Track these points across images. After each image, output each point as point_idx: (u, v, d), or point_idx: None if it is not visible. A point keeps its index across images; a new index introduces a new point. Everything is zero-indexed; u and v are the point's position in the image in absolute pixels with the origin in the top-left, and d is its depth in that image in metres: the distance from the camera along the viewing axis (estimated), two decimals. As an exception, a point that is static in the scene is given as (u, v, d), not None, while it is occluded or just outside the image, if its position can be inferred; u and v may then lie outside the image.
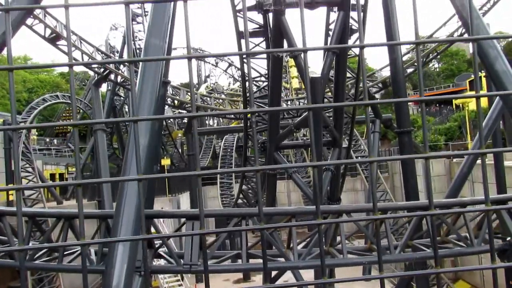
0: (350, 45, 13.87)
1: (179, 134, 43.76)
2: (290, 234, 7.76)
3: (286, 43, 12.46)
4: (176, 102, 27.76)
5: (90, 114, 32.77)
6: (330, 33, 13.27)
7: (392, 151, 37.36)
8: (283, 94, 31.01)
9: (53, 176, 38.01)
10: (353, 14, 12.60)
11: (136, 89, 6.78)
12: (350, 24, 12.63)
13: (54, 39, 19.27)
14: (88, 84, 42.81)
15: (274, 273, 8.71)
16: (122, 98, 37.68)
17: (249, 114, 1.58)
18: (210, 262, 7.63)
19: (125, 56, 33.52)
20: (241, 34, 15.01)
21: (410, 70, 26.11)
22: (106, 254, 6.56)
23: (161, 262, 10.62)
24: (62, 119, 47.31)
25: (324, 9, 13.37)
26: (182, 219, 7.96)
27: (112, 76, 24.27)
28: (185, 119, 41.82)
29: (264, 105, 16.60)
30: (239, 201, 27.30)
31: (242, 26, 14.66)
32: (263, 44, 15.03)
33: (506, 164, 17.98)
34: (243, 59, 16.08)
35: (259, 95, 17.92)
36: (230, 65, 55.28)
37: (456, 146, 35.46)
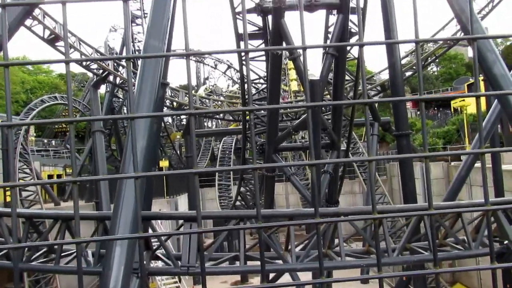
0: (349, 43, 13.94)
1: (178, 136, 43.68)
2: (288, 236, 7.75)
3: (285, 45, 12.49)
4: (175, 104, 27.76)
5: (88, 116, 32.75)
6: (329, 36, 13.30)
7: (390, 154, 37.43)
8: (281, 97, 31.01)
9: (50, 177, 37.98)
10: (352, 17, 12.63)
11: (134, 89, 6.77)
12: (349, 27, 12.66)
13: (53, 40, 19.20)
14: (86, 85, 42.78)
15: (272, 275, 8.70)
16: (121, 100, 37.64)
17: (247, 112, 1.58)
18: (207, 264, 7.61)
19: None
20: (240, 36, 15.01)
21: (408, 74, 26.14)
22: (104, 256, 6.53)
23: (158, 263, 10.60)
24: (60, 121, 47.14)
25: (323, 12, 13.40)
26: (180, 221, 7.95)
27: (111, 77, 24.25)
28: (183, 121, 41.78)
29: (262, 107, 16.53)
30: (237, 203, 27.28)
31: (241, 28, 14.67)
32: (262, 46, 15.05)
33: (504, 168, 18.03)
34: (242, 60, 16.08)
35: (258, 97, 17.91)
36: (229, 67, 55.24)
37: (454, 149, 35.58)
